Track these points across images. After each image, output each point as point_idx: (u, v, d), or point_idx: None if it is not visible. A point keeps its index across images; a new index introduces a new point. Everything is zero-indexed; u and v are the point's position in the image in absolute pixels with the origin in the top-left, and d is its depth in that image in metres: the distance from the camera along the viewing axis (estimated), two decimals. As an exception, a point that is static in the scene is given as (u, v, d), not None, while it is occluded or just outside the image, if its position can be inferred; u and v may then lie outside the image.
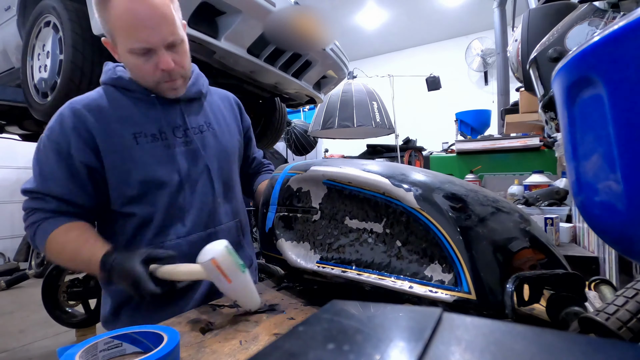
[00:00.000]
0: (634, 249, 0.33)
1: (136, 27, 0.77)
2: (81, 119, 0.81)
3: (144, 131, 0.85)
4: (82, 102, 0.84)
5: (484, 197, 0.54)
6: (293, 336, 0.19)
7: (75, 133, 0.80)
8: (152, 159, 0.84)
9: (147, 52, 0.80)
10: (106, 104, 0.85)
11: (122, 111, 0.85)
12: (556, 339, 0.17)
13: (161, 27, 0.78)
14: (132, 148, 0.83)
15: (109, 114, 0.84)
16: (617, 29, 0.28)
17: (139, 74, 0.85)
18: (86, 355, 0.44)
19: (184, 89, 0.91)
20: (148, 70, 0.82)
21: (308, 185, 0.72)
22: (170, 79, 0.84)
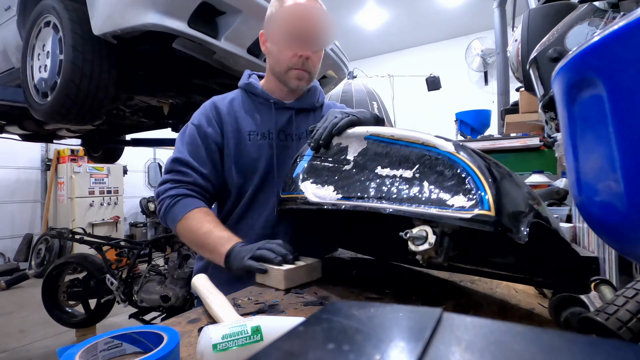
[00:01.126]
0: (634, 249, 0.33)
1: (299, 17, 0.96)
2: (217, 109, 1.02)
3: (257, 130, 1.03)
4: (220, 98, 1.06)
5: (503, 168, 0.58)
6: (293, 336, 0.19)
7: (212, 118, 1.01)
8: (256, 154, 1.01)
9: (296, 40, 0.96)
10: (236, 103, 1.05)
11: (245, 111, 1.04)
12: (556, 339, 0.17)
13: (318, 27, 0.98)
14: (244, 142, 1.01)
15: (236, 110, 1.03)
16: (617, 29, 0.28)
17: (279, 57, 1.00)
18: (86, 355, 0.44)
19: (306, 84, 1.05)
20: (289, 55, 0.98)
21: (348, 141, 0.76)
22: (301, 68, 1.00)
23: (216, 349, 0.43)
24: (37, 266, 4.71)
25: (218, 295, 0.66)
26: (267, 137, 1.03)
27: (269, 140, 1.03)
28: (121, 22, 1.57)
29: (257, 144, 1.01)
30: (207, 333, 0.44)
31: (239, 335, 0.45)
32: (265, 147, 1.02)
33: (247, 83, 1.08)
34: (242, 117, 1.03)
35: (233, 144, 1.00)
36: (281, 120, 1.05)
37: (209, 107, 1.03)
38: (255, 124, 1.03)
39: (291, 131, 1.06)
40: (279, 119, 1.05)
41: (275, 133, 1.03)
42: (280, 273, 0.74)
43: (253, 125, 1.03)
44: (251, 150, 1.01)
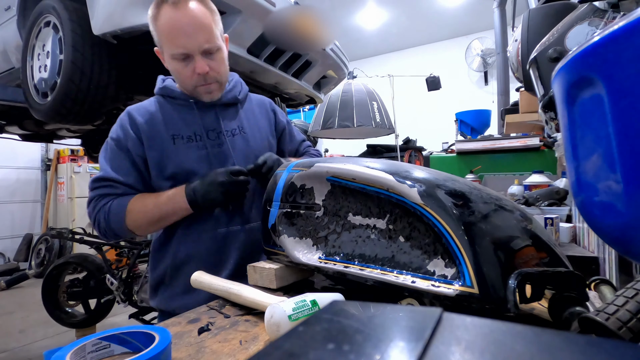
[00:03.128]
0: (634, 249, 0.33)
1: (176, 34, 0.89)
2: (133, 120, 0.96)
3: (181, 133, 0.97)
4: (135, 107, 1.00)
5: (486, 195, 0.54)
6: (293, 336, 0.19)
7: (130, 130, 0.95)
8: (186, 157, 0.96)
9: (186, 57, 0.91)
10: (153, 110, 0.99)
11: (165, 115, 0.99)
12: (556, 339, 0.17)
13: (198, 34, 0.90)
14: (169, 147, 0.96)
15: (154, 117, 0.98)
16: (617, 29, 0.28)
17: (179, 78, 0.97)
18: (75, 357, 0.44)
19: (219, 93, 1.01)
20: (187, 74, 0.94)
21: (312, 182, 0.72)
22: (205, 83, 0.96)
23: (291, 319, 0.51)
24: (37, 266, 4.71)
25: (239, 284, 0.70)
26: (195, 139, 0.98)
27: (197, 142, 0.98)
28: (121, 22, 1.57)
29: (184, 148, 0.96)
30: (280, 307, 0.51)
31: (303, 308, 0.53)
32: (194, 149, 0.97)
33: (162, 87, 1.02)
34: (162, 122, 0.97)
35: (156, 151, 0.95)
36: (207, 119, 1.01)
37: (124, 118, 0.97)
38: (178, 128, 0.98)
39: (221, 128, 1.01)
40: (204, 118, 1.00)
41: (204, 134, 0.99)
42: (271, 272, 0.74)
43: (176, 129, 0.97)
44: (179, 155, 0.96)
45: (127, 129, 0.95)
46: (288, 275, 0.77)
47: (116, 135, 0.96)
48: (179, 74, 0.95)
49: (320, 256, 0.68)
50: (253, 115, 1.11)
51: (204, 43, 0.90)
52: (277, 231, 0.76)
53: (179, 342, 0.54)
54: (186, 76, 0.94)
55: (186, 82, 0.96)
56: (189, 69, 0.93)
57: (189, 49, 0.90)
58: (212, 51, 0.93)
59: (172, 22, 0.89)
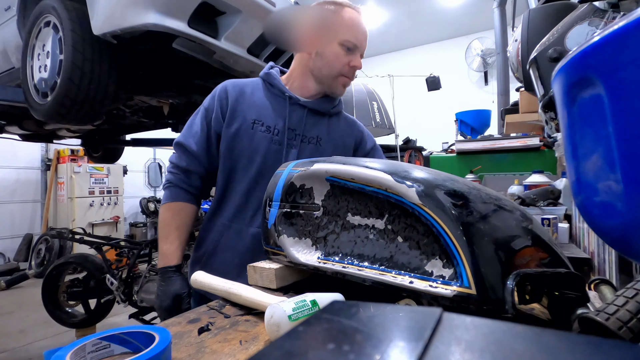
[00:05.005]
0: (633, 249, 0.33)
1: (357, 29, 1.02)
2: (226, 92, 1.03)
3: (263, 121, 1.02)
4: (235, 81, 1.06)
5: (486, 195, 0.54)
6: (293, 336, 0.19)
7: (218, 103, 1.02)
8: (256, 145, 1.00)
9: (352, 50, 1.01)
10: (249, 90, 1.05)
11: (256, 99, 1.04)
12: (556, 339, 0.17)
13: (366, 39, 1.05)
14: (246, 130, 1.00)
15: (246, 97, 1.03)
16: (617, 29, 0.28)
17: (333, 62, 1.02)
18: (75, 357, 0.44)
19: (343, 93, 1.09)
20: (343, 61, 1.01)
21: (311, 182, 0.72)
22: (349, 77, 1.05)
23: (291, 319, 0.50)
24: (37, 266, 4.71)
25: (239, 284, 0.69)
26: (272, 132, 1.01)
27: (273, 135, 1.01)
28: (121, 22, 1.57)
29: (259, 135, 1.00)
30: (280, 307, 0.51)
31: (303, 308, 0.53)
32: (267, 141, 1.00)
33: (267, 73, 1.07)
34: (251, 105, 1.02)
35: (233, 129, 1.00)
36: (293, 118, 1.04)
37: (219, 89, 1.04)
38: (263, 115, 1.02)
39: (300, 131, 1.04)
40: (291, 115, 1.04)
41: (283, 130, 1.02)
42: (271, 272, 0.74)
43: (260, 115, 1.02)
44: (252, 140, 1.00)
45: (216, 102, 1.01)
46: (288, 275, 0.77)
47: (207, 105, 1.03)
48: (337, 58, 1.01)
49: (319, 256, 0.68)
50: (338, 131, 1.12)
51: (365, 49, 1.05)
52: (277, 231, 0.76)
53: (179, 342, 0.54)
54: (342, 63, 1.01)
55: (337, 67, 1.02)
56: (347, 59, 1.01)
57: (360, 45, 1.02)
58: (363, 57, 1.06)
59: (356, 20, 1.02)
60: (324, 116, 1.09)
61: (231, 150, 1.00)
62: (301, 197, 0.74)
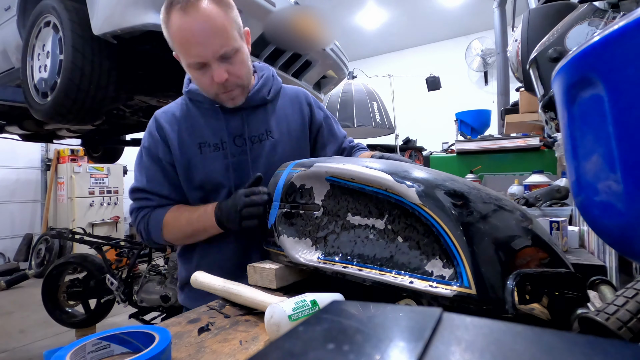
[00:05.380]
0: (634, 249, 0.33)
1: (189, 43, 0.82)
2: (160, 126, 0.95)
3: (207, 141, 0.94)
4: (162, 113, 0.97)
5: (486, 195, 0.54)
6: (293, 336, 0.19)
7: (157, 136, 0.94)
8: (212, 166, 0.94)
9: (202, 65, 0.84)
10: (179, 115, 0.96)
11: (191, 122, 0.95)
12: (556, 339, 0.17)
13: (211, 40, 0.81)
14: (196, 156, 0.93)
15: (180, 124, 0.95)
16: (617, 29, 0.28)
17: (200, 87, 0.93)
18: (75, 357, 0.44)
19: (243, 97, 0.94)
20: (206, 82, 0.88)
21: (311, 182, 0.72)
22: (226, 90, 0.89)
23: (291, 319, 0.50)
24: (37, 266, 4.71)
25: (239, 284, 0.69)
26: (221, 148, 0.94)
27: (223, 150, 0.94)
28: (121, 22, 1.57)
29: (211, 157, 0.93)
30: (280, 307, 0.51)
31: (303, 308, 0.53)
32: (220, 158, 0.94)
33: (187, 91, 0.97)
34: (189, 129, 0.94)
35: (184, 160, 0.93)
36: (233, 124, 0.95)
37: (152, 125, 0.96)
38: (205, 135, 0.94)
39: (249, 133, 0.96)
40: (230, 124, 0.95)
41: (230, 140, 0.95)
42: (271, 272, 0.74)
43: (203, 137, 0.94)
44: (205, 165, 0.93)
45: (156, 136, 0.94)
46: (288, 276, 0.77)
47: (147, 144, 0.96)
48: (199, 83, 0.91)
49: (319, 256, 0.68)
50: (284, 114, 1.03)
51: (219, 49, 0.82)
52: (277, 231, 0.76)
53: (179, 342, 0.54)
54: (206, 84, 0.88)
55: (206, 90, 0.91)
56: (207, 77, 0.86)
57: (203, 58, 0.83)
58: (229, 55, 0.85)
59: (183, 29, 0.81)
60: (265, 106, 1.00)
61: (191, 182, 0.95)
62: (301, 197, 0.74)
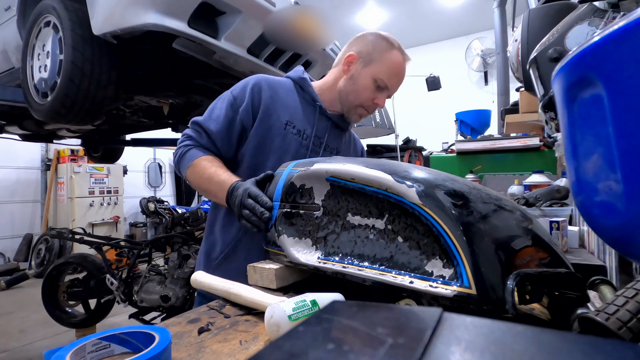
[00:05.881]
0: (634, 249, 0.33)
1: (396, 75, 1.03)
2: (260, 88, 1.01)
3: (295, 123, 1.03)
4: (268, 79, 1.04)
5: (486, 195, 0.54)
6: (293, 336, 0.19)
7: (250, 95, 0.99)
8: (287, 146, 1.01)
9: (381, 89, 1.03)
10: (282, 90, 1.05)
11: (289, 101, 1.04)
12: (556, 339, 0.17)
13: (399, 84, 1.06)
14: (279, 130, 1.01)
15: (279, 96, 1.03)
16: (617, 29, 0.28)
17: (357, 93, 1.04)
18: (75, 357, 0.44)
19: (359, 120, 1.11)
20: (368, 97, 1.04)
21: (311, 182, 0.72)
22: (368, 112, 1.08)
23: (291, 319, 0.50)
24: (37, 266, 4.71)
25: (239, 284, 0.69)
26: (302, 136, 1.04)
27: (302, 139, 1.03)
28: (121, 22, 1.57)
29: (291, 138, 1.02)
30: (280, 307, 0.51)
31: (303, 308, 0.53)
32: (297, 144, 1.02)
33: (303, 78, 1.09)
34: (284, 106, 1.03)
35: (266, 128, 0.99)
36: (320, 126, 1.07)
37: (253, 82, 1.02)
38: (295, 118, 1.03)
39: (324, 140, 1.08)
40: (319, 123, 1.07)
41: (312, 136, 1.05)
42: (271, 272, 0.74)
43: (293, 118, 1.03)
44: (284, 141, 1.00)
45: (249, 94, 0.99)
46: (288, 276, 0.77)
47: (236, 93, 1.01)
48: (365, 90, 1.03)
49: (319, 256, 0.68)
50: (348, 145, 1.20)
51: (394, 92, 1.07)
52: (277, 231, 0.76)
53: (179, 342, 0.54)
54: (368, 97, 1.03)
55: (362, 98, 1.04)
56: (374, 95, 1.03)
57: (391, 88, 1.04)
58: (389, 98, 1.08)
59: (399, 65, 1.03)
60: (341, 131, 1.15)
61: (262, 147, 1.00)
62: (301, 197, 0.74)
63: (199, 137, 0.99)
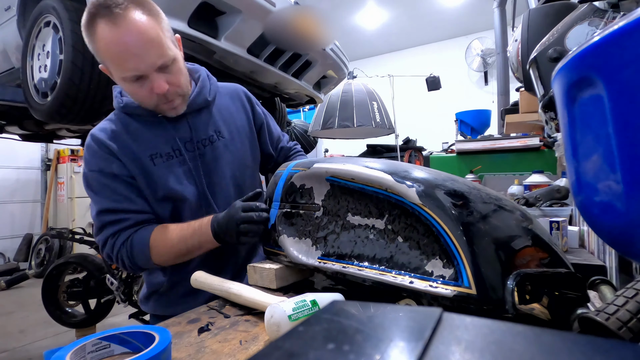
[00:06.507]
0: (634, 249, 0.33)
1: (124, 57, 0.77)
2: (106, 147, 0.85)
3: (158, 152, 0.88)
4: (101, 132, 0.87)
5: (486, 195, 0.54)
6: (293, 336, 0.19)
7: (107, 155, 0.85)
8: (171, 176, 0.88)
9: (139, 78, 0.80)
10: (121, 130, 0.88)
11: (135, 135, 0.88)
12: (556, 339, 0.17)
13: (148, 52, 0.77)
14: (150, 168, 0.87)
15: (124, 139, 0.87)
16: (617, 29, 0.28)
17: (137, 99, 0.86)
18: (75, 357, 0.44)
19: (184, 105, 0.90)
20: (144, 95, 0.83)
21: (311, 182, 0.72)
22: (167, 101, 0.85)
23: (291, 319, 0.51)
24: (37, 266, 4.71)
25: (239, 284, 0.69)
26: (175, 155, 0.90)
27: (176, 158, 0.90)
28: (121, 22, 1.57)
29: (165, 166, 0.88)
30: (280, 307, 0.51)
31: (303, 308, 0.53)
32: (176, 166, 0.89)
33: (123, 105, 0.90)
34: (135, 142, 0.87)
35: (140, 175, 0.86)
36: (181, 131, 0.91)
37: (94, 146, 0.86)
38: (154, 145, 0.88)
39: (198, 136, 0.93)
40: (179, 130, 0.91)
41: (181, 147, 0.90)
42: (271, 272, 0.74)
43: (152, 148, 0.88)
44: (163, 176, 0.87)
45: (102, 154, 0.85)
46: (288, 276, 0.77)
47: (95, 166, 0.85)
48: (135, 95, 0.84)
49: (320, 256, 0.68)
50: (229, 113, 1.01)
51: (157, 60, 0.79)
52: (277, 231, 0.76)
53: (179, 342, 0.54)
54: (144, 96, 0.83)
55: (145, 102, 0.85)
56: (146, 89, 0.81)
57: (141, 70, 0.78)
58: (167, 65, 0.81)
59: (115, 42, 0.75)
60: (208, 108, 0.96)
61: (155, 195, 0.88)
62: (301, 197, 0.74)
63: (124, 224, 0.85)
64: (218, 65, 1.90)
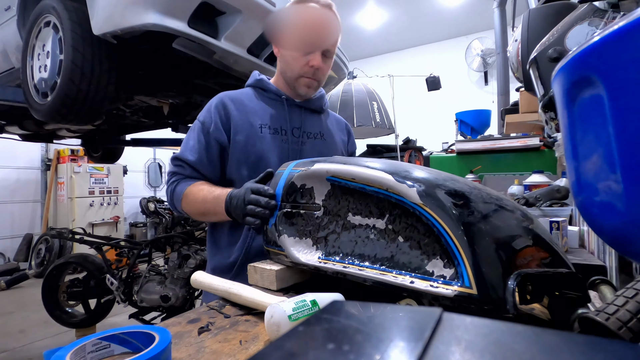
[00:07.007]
0: (634, 249, 0.33)
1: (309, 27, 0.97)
2: (224, 104, 1.02)
3: (269, 124, 1.04)
4: (229, 93, 1.05)
5: (487, 195, 0.54)
6: (293, 336, 0.19)
7: (216, 114, 1.01)
8: (269, 147, 1.01)
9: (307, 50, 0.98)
10: (245, 99, 1.05)
11: (255, 106, 1.05)
12: (556, 339, 0.17)
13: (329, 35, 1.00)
14: (256, 135, 1.01)
15: (245, 105, 1.04)
16: (617, 29, 0.28)
17: (290, 64, 1.02)
18: (75, 357, 0.44)
19: (314, 92, 1.08)
20: (301, 62, 1.00)
21: (312, 182, 0.72)
22: (311, 77, 1.02)
23: (291, 319, 0.50)
24: (37, 266, 4.71)
25: (239, 284, 0.69)
26: (280, 133, 1.04)
27: (282, 135, 1.04)
28: (121, 22, 1.57)
29: (270, 138, 1.02)
30: (280, 307, 0.51)
31: (303, 308, 0.53)
32: (278, 142, 1.03)
33: (259, 79, 1.09)
34: (253, 111, 1.03)
35: (242, 137, 1.00)
36: (294, 117, 1.07)
37: (215, 103, 1.03)
38: (267, 118, 1.04)
39: (305, 129, 1.09)
40: (292, 116, 1.07)
41: (289, 130, 1.06)
42: (272, 273, 0.74)
43: (265, 119, 1.03)
44: (264, 144, 1.01)
45: (214, 112, 1.00)
46: (289, 277, 0.77)
47: (203, 118, 1.02)
48: (293, 60, 1.00)
49: (320, 256, 0.68)
50: (333, 129, 1.19)
51: (329, 43, 1.00)
52: (278, 231, 0.76)
53: (179, 342, 0.54)
54: (300, 64, 1.00)
55: (295, 69, 1.01)
56: (305, 59, 0.99)
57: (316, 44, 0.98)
58: (330, 54, 1.02)
59: (312, 14, 0.97)
60: (318, 114, 1.14)
61: (246, 157, 1.00)
62: (302, 197, 0.74)
63: (182, 171, 1.01)
64: (218, 65, 1.90)
